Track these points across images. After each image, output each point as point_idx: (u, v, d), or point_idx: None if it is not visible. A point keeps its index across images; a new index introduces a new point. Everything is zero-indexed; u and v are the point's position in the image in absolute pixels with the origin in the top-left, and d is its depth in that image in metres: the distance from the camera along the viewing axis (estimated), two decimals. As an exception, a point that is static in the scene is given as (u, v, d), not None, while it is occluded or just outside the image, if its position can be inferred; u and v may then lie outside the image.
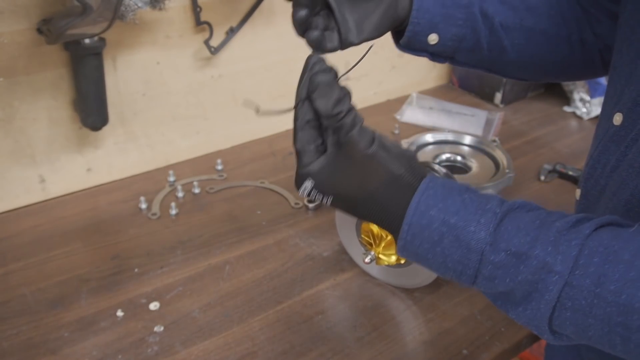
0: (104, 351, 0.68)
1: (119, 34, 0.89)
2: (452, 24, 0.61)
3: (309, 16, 0.57)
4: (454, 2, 0.61)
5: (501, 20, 0.64)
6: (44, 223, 0.89)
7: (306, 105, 0.50)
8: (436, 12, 0.60)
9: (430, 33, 0.61)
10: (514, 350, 0.71)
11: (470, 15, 0.62)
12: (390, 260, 0.72)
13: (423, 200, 0.46)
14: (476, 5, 0.62)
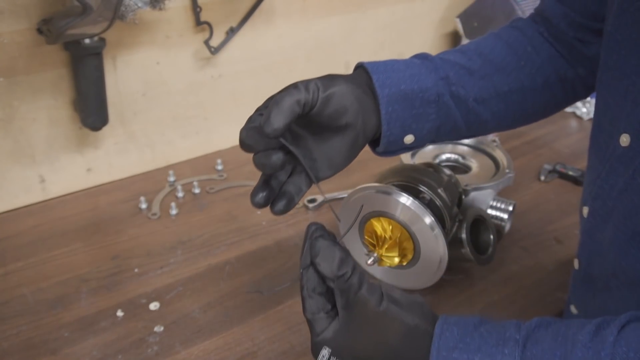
0: (104, 351, 0.67)
1: (119, 34, 0.89)
2: (424, 120, 0.58)
3: (268, 193, 0.53)
4: (423, 101, 0.58)
5: (475, 96, 0.61)
6: (44, 223, 0.89)
7: (310, 272, 0.48)
8: (406, 117, 0.57)
9: (405, 135, 0.58)
10: (514, 351, 0.71)
11: (442, 106, 0.59)
12: (393, 262, 0.72)
13: (442, 344, 0.45)
14: (445, 93, 0.60)
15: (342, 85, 0.52)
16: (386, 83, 0.56)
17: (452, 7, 1.33)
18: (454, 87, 0.60)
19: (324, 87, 0.50)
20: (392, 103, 0.56)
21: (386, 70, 0.57)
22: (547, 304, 0.76)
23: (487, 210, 0.84)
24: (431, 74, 0.58)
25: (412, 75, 0.57)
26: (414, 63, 0.59)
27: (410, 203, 0.69)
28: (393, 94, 0.56)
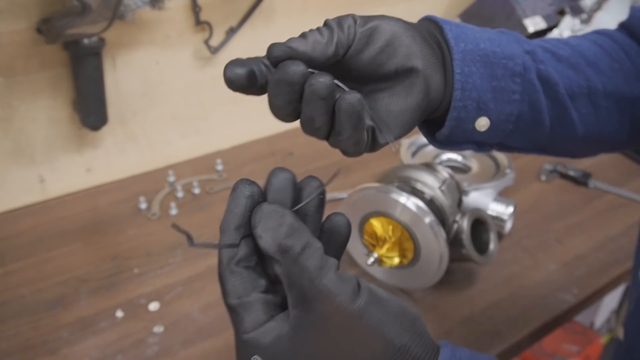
0: (104, 352, 0.67)
1: (118, 34, 0.89)
2: (506, 99, 0.45)
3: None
4: (506, 70, 0.44)
5: (566, 85, 0.47)
6: (44, 223, 0.89)
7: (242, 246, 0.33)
8: (485, 88, 0.43)
9: (479, 117, 0.44)
10: (515, 351, 0.71)
11: (528, 85, 0.45)
12: (393, 262, 0.72)
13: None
14: (532, 69, 0.45)
15: (392, 21, 0.40)
16: (461, 37, 0.42)
17: (452, 7, 1.33)
18: (542, 65, 0.46)
19: (366, 20, 0.39)
20: (469, 63, 0.42)
21: (459, 25, 0.44)
22: (547, 304, 0.76)
23: (488, 210, 0.84)
24: (513, 43, 0.45)
25: (491, 39, 0.44)
26: (493, 30, 0.46)
27: (410, 203, 0.69)
28: (470, 51, 0.42)
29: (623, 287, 1.30)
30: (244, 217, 0.34)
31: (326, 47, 0.37)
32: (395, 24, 0.40)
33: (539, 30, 1.20)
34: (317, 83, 0.35)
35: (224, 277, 0.33)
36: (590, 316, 1.32)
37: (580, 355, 1.21)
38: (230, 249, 0.33)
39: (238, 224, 0.33)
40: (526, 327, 0.72)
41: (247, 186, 0.34)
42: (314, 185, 0.35)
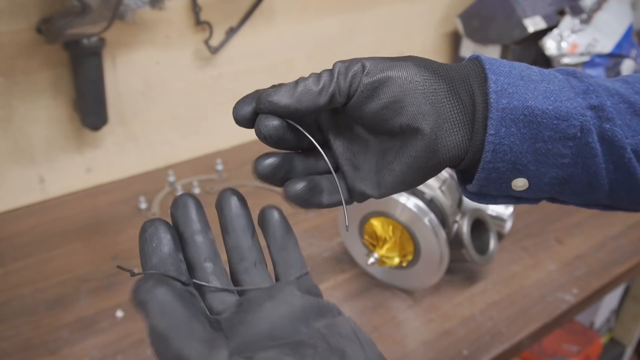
0: (104, 352, 0.67)
1: (118, 34, 0.89)
2: (551, 163, 0.37)
3: (283, 163, 0.37)
4: (557, 132, 0.36)
5: (635, 147, 0.38)
6: (44, 223, 0.89)
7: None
8: (525, 150, 0.36)
9: (515, 178, 0.38)
10: (514, 351, 0.71)
11: (584, 149, 0.37)
12: (393, 262, 0.72)
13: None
14: (593, 131, 0.37)
15: (410, 70, 0.36)
16: (506, 90, 0.35)
17: (452, 7, 1.33)
18: (608, 124, 0.37)
19: (376, 69, 0.35)
20: (509, 123, 0.35)
21: (511, 72, 0.37)
22: (547, 304, 0.76)
23: (488, 210, 0.84)
24: (578, 96, 0.37)
25: (547, 92, 0.36)
26: (555, 75, 0.38)
27: (410, 203, 0.69)
28: (514, 109, 0.35)
29: (623, 287, 1.30)
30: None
31: (317, 97, 0.35)
32: (411, 75, 0.36)
33: (538, 30, 1.20)
34: (257, 167, 0.36)
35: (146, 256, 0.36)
36: (590, 316, 1.32)
37: (580, 355, 1.21)
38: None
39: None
40: (526, 327, 0.72)
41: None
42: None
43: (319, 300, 0.34)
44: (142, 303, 0.30)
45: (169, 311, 0.29)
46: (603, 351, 1.30)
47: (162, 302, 0.30)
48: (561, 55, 1.21)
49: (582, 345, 1.23)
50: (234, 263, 0.36)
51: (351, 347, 0.31)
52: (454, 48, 1.38)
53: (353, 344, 0.32)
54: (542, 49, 1.23)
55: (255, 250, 0.36)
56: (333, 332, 0.32)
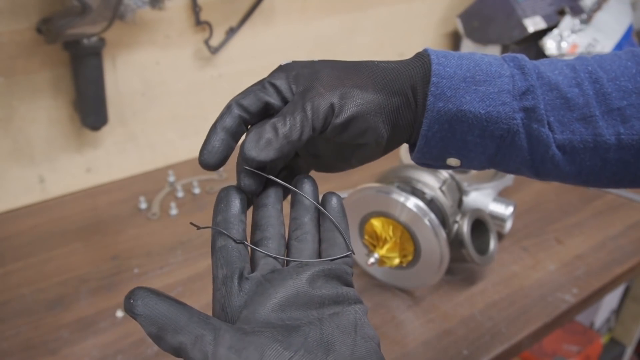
0: (104, 351, 0.67)
1: (118, 34, 0.89)
2: (478, 151, 0.43)
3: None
4: (484, 132, 0.42)
5: (563, 143, 0.43)
6: (44, 223, 0.89)
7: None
8: (455, 141, 0.43)
9: (447, 158, 0.44)
10: (514, 351, 0.71)
11: (509, 144, 0.43)
12: (393, 263, 0.72)
13: None
14: (521, 132, 0.42)
15: (368, 95, 0.41)
16: (445, 94, 0.41)
17: (452, 7, 1.33)
18: (536, 124, 0.42)
19: (344, 107, 0.40)
20: (442, 122, 0.42)
21: (455, 74, 0.42)
22: (547, 304, 0.76)
23: (488, 210, 0.84)
24: (514, 99, 0.41)
25: (485, 95, 0.41)
26: (500, 74, 0.42)
27: (410, 203, 0.69)
28: (448, 112, 0.41)
29: (623, 287, 1.30)
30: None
31: (297, 143, 0.39)
32: (373, 104, 0.41)
33: (538, 30, 1.20)
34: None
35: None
36: (590, 316, 1.32)
37: (580, 355, 1.21)
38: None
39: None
40: (526, 327, 0.72)
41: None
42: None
43: (338, 288, 0.36)
44: (132, 315, 0.34)
45: (156, 317, 0.33)
46: (603, 351, 1.30)
47: (147, 312, 0.34)
48: (561, 55, 1.21)
49: (582, 345, 1.23)
50: (291, 230, 0.40)
51: (341, 342, 0.33)
52: (454, 48, 1.38)
53: (346, 338, 0.33)
54: (542, 49, 1.23)
55: (311, 223, 0.40)
56: (333, 323, 0.34)
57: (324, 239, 0.40)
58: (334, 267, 0.37)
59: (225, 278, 0.36)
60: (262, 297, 0.35)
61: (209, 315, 0.34)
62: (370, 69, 0.42)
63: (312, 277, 0.36)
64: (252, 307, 0.34)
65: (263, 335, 0.32)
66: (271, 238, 0.39)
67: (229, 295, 0.35)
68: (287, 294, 0.35)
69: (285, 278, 0.36)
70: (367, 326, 0.35)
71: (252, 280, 0.36)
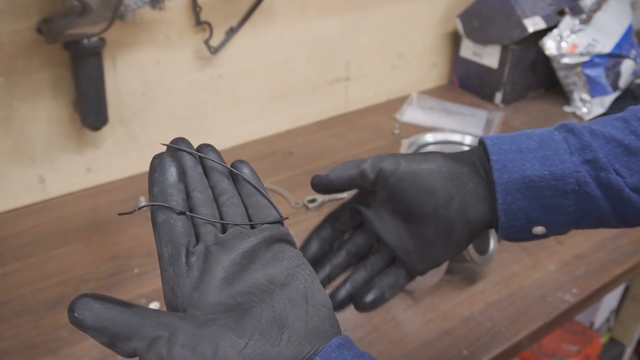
0: (104, 351, 0.67)
1: (118, 34, 0.89)
2: (558, 212, 0.45)
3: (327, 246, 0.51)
4: (557, 190, 0.44)
5: (636, 185, 0.44)
6: (44, 223, 0.89)
7: None
8: (533, 208, 0.45)
9: (533, 227, 0.46)
10: (514, 351, 0.71)
11: (584, 197, 0.45)
12: (391, 261, 0.71)
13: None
14: (591, 182, 0.44)
15: (437, 160, 0.46)
16: (507, 167, 0.44)
17: (452, 7, 1.33)
18: (603, 172, 0.44)
19: (393, 167, 0.47)
20: (513, 192, 0.44)
21: (510, 150, 0.45)
22: (547, 304, 0.76)
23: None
24: (573, 155, 0.44)
25: (544, 157, 0.44)
26: (553, 139, 0.45)
27: (410, 203, 0.69)
28: (515, 180, 0.44)
29: (622, 287, 1.30)
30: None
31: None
32: (439, 165, 0.46)
33: (538, 30, 1.20)
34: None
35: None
36: (590, 316, 1.32)
37: (580, 355, 1.21)
38: None
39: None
40: (526, 327, 0.72)
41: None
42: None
43: (282, 252, 0.37)
44: (80, 328, 0.32)
45: (105, 327, 0.32)
46: (603, 351, 1.30)
47: (95, 323, 0.32)
48: (561, 55, 1.21)
49: (581, 345, 1.23)
50: (215, 197, 0.40)
51: (294, 315, 0.34)
52: (454, 48, 1.38)
53: (298, 311, 0.34)
54: (542, 49, 1.23)
55: (232, 188, 0.41)
56: (283, 296, 0.34)
57: (247, 204, 0.40)
58: (275, 230, 0.38)
59: (171, 257, 0.35)
60: (210, 275, 0.34)
61: (160, 312, 0.33)
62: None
63: (258, 242, 0.36)
64: (202, 289, 0.34)
65: (216, 324, 0.32)
66: (204, 204, 0.38)
67: (177, 277, 0.34)
68: (233, 267, 0.35)
69: (230, 249, 0.35)
70: (317, 292, 0.36)
71: (197, 255, 0.35)
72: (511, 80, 1.27)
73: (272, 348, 0.32)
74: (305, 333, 0.33)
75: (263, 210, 0.40)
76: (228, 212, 0.39)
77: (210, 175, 0.41)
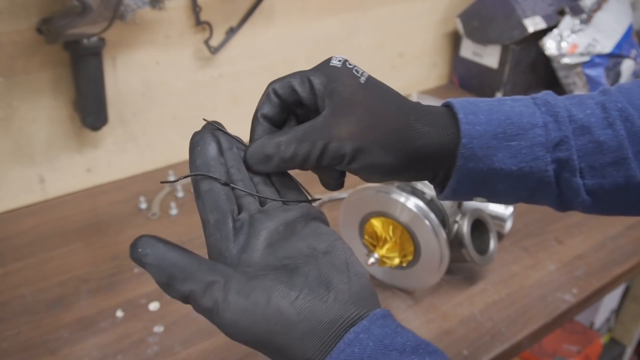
0: (104, 352, 0.67)
1: (118, 34, 0.89)
2: (506, 197, 0.44)
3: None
4: (516, 183, 0.42)
5: (593, 188, 0.43)
6: (44, 223, 0.89)
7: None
8: (481, 192, 0.44)
9: (474, 197, 0.45)
10: (514, 351, 0.71)
11: (537, 193, 0.44)
12: (393, 263, 0.72)
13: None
14: (551, 182, 0.43)
15: (382, 165, 0.40)
16: (476, 155, 0.41)
17: (452, 7, 1.33)
18: (568, 174, 0.42)
19: (352, 159, 0.39)
20: (468, 181, 0.42)
21: (486, 132, 0.41)
22: (547, 304, 0.76)
23: (488, 210, 0.84)
24: (548, 153, 0.41)
25: (518, 150, 0.41)
26: (532, 124, 0.41)
27: (411, 203, 0.69)
28: (479, 171, 0.41)
29: (622, 287, 1.30)
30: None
31: (293, 167, 0.41)
32: (381, 169, 0.41)
33: (538, 30, 1.20)
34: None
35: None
36: (590, 316, 1.32)
37: (580, 355, 1.21)
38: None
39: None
40: (526, 327, 0.72)
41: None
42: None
43: (322, 227, 0.38)
44: (141, 264, 0.34)
45: (165, 265, 0.33)
46: (603, 351, 1.30)
47: (157, 261, 0.33)
48: (561, 55, 1.21)
49: (582, 345, 1.23)
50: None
51: (338, 279, 0.34)
52: (454, 48, 1.38)
53: (341, 276, 0.35)
54: (542, 49, 1.23)
55: (261, 176, 0.41)
56: (327, 261, 0.35)
57: (277, 186, 0.41)
58: (311, 209, 0.39)
59: (217, 222, 0.36)
60: (256, 239, 0.36)
61: (215, 263, 0.35)
62: (401, 126, 0.40)
63: (298, 216, 0.37)
64: (249, 251, 0.35)
65: (267, 278, 0.34)
66: (242, 180, 0.39)
67: (225, 240, 0.36)
68: (277, 234, 0.36)
69: (273, 217, 0.37)
70: (357, 264, 0.36)
71: (242, 221, 0.37)
72: (511, 80, 1.27)
73: (321, 304, 0.33)
74: (349, 295, 0.34)
75: (293, 191, 0.41)
76: (262, 190, 0.40)
77: (232, 157, 0.42)
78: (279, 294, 0.33)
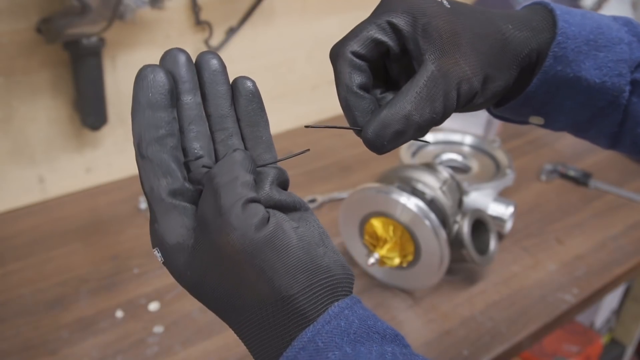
0: (104, 352, 0.67)
1: (118, 34, 0.89)
2: (567, 115, 0.43)
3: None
4: (589, 99, 0.41)
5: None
6: (43, 223, 0.89)
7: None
8: (551, 101, 0.41)
9: (532, 116, 0.43)
10: (515, 351, 0.71)
11: (602, 115, 0.43)
12: (393, 263, 0.71)
13: (321, 337, 0.31)
14: (621, 104, 0.41)
15: (505, 86, 0.39)
16: (567, 58, 0.39)
17: (452, 6, 1.33)
18: (636, 99, 0.42)
19: (482, 93, 0.37)
20: (552, 84, 0.40)
21: (580, 35, 0.40)
22: (547, 304, 0.76)
23: (488, 210, 0.84)
24: (629, 72, 0.41)
25: (604, 63, 0.40)
26: (620, 39, 0.41)
27: (411, 204, 0.69)
28: (565, 75, 0.40)
29: (623, 287, 1.30)
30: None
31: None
32: (503, 89, 0.39)
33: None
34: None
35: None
36: (590, 316, 1.32)
37: (580, 356, 1.21)
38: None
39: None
40: (526, 327, 0.72)
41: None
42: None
43: (293, 195, 0.35)
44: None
45: None
46: (603, 351, 1.30)
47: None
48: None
49: (582, 345, 1.23)
50: (212, 132, 0.37)
51: (325, 241, 0.34)
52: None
53: (318, 248, 0.33)
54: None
55: (231, 120, 0.37)
56: (305, 228, 0.33)
57: (245, 135, 0.37)
58: (279, 172, 0.36)
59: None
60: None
61: None
62: (505, 39, 0.38)
63: (271, 183, 0.34)
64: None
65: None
66: (198, 139, 0.36)
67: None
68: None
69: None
70: (329, 238, 0.35)
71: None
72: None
73: (317, 247, 0.32)
74: (335, 260, 0.33)
75: (262, 146, 0.37)
76: (222, 151, 0.36)
77: (209, 99, 0.38)
78: (284, 219, 0.32)
